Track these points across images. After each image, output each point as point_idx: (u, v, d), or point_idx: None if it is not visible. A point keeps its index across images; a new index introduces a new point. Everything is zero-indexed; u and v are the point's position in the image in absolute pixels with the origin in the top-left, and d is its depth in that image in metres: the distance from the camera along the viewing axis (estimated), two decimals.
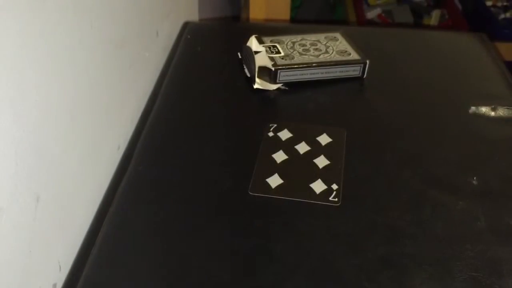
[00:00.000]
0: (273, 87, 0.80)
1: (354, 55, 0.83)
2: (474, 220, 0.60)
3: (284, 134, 0.71)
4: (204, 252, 0.56)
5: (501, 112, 0.76)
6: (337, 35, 0.89)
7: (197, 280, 0.54)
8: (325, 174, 0.65)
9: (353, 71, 0.83)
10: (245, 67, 0.84)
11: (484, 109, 0.76)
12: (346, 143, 0.71)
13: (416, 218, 0.60)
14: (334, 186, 0.63)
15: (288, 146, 0.69)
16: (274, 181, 0.65)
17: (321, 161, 0.67)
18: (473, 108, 0.77)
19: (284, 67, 0.80)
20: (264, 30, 0.90)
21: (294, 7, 1.79)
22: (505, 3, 1.83)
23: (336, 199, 0.61)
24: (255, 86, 0.80)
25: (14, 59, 0.46)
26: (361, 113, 0.77)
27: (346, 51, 0.84)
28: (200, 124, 0.75)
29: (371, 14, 1.81)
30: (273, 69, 0.79)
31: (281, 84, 0.81)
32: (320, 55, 0.83)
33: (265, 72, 0.79)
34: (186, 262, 0.56)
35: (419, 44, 0.95)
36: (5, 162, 0.46)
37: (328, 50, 0.84)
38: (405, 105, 0.79)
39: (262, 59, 0.80)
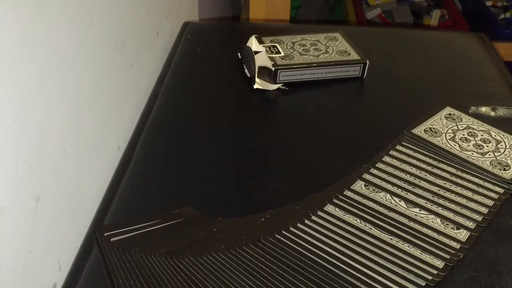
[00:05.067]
0: (273, 87, 0.80)
1: (354, 55, 0.83)
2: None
3: None
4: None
5: (501, 112, 0.76)
6: (337, 35, 0.89)
7: None
8: None
9: (353, 71, 0.83)
10: (245, 67, 0.84)
11: (484, 109, 0.76)
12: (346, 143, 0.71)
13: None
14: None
15: None
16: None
17: None
18: (473, 108, 0.77)
19: (284, 67, 0.80)
20: (264, 30, 0.90)
21: (294, 7, 1.79)
22: (505, 3, 1.83)
23: None
24: (255, 86, 0.80)
25: (14, 59, 0.46)
26: (361, 113, 0.77)
27: (346, 51, 0.84)
28: (200, 124, 0.75)
29: (371, 14, 1.81)
30: (273, 69, 0.79)
31: (281, 84, 0.81)
32: (320, 55, 0.83)
33: (265, 72, 0.79)
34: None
35: (419, 44, 0.95)
36: (5, 162, 0.46)
37: (328, 50, 0.84)
38: (404, 105, 0.79)
39: (262, 59, 0.80)
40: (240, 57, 0.86)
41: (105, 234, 0.56)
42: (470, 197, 0.61)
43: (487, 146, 0.68)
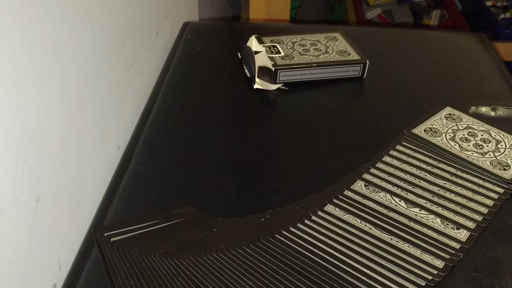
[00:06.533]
0: (273, 87, 0.80)
1: (354, 55, 0.83)
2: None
3: None
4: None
5: (501, 112, 0.76)
6: (337, 35, 0.89)
7: None
8: None
9: (353, 71, 0.83)
10: (245, 67, 0.84)
11: (484, 109, 0.76)
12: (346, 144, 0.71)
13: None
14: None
15: None
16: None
17: None
18: (473, 108, 0.77)
19: (284, 67, 0.80)
20: (264, 30, 0.90)
21: (294, 7, 1.79)
22: (505, 3, 1.83)
23: None
24: (255, 86, 0.80)
25: (14, 59, 0.46)
26: (361, 113, 0.77)
27: (346, 51, 0.84)
28: (200, 124, 0.75)
29: (371, 14, 1.81)
30: (273, 69, 0.79)
31: (281, 84, 0.81)
32: (320, 55, 0.83)
33: (265, 72, 0.79)
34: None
35: (419, 44, 0.95)
36: (5, 162, 0.46)
37: (328, 50, 0.84)
38: (404, 105, 0.79)
39: (262, 59, 0.80)
40: (240, 57, 0.86)
41: (105, 234, 0.56)
42: (470, 197, 0.61)
43: (487, 146, 0.68)
